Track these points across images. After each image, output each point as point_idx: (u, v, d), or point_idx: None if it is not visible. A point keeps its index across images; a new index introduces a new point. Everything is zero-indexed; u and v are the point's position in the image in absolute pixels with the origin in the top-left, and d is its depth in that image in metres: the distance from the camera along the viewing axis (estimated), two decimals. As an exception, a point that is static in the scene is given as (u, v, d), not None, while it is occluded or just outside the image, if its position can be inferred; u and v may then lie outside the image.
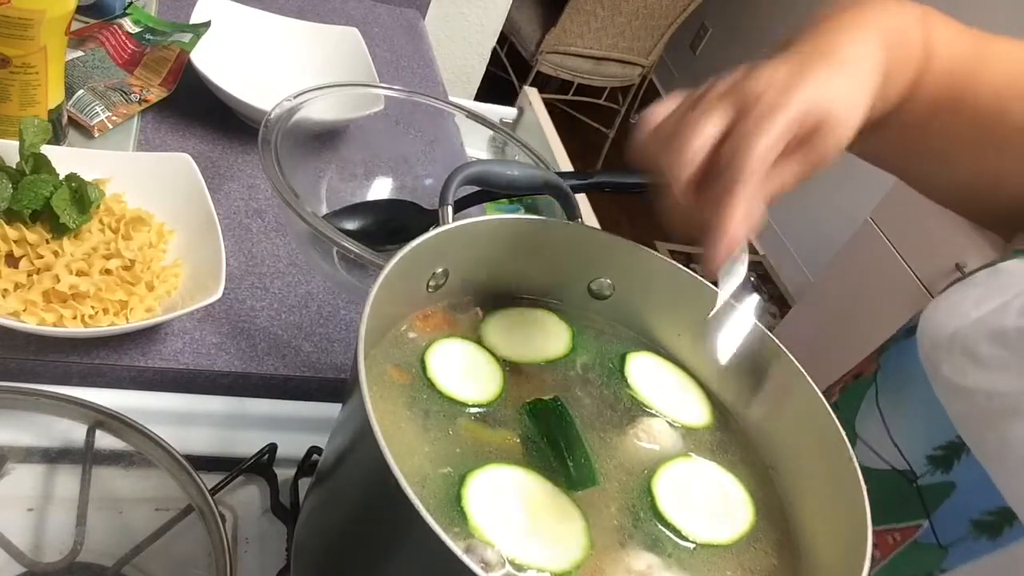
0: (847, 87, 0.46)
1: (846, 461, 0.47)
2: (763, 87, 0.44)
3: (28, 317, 0.64)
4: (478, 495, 0.45)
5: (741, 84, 0.45)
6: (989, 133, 0.58)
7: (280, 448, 0.65)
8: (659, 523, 0.48)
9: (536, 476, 0.47)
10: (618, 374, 0.57)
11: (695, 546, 0.48)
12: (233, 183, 0.90)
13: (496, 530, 0.43)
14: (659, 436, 0.53)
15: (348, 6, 1.32)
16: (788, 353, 0.53)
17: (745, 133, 0.43)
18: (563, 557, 0.44)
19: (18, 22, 0.71)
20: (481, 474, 0.46)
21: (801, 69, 0.45)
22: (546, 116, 1.39)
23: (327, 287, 0.83)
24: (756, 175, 0.42)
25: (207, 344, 0.73)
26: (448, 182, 0.57)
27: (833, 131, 0.45)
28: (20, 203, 0.67)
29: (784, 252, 3.12)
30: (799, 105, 0.43)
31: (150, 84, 0.93)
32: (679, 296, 0.57)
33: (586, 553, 0.45)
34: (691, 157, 0.43)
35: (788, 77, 0.44)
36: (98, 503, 0.58)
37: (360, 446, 0.41)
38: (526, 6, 2.94)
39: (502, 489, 0.46)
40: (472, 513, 0.44)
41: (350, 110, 0.84)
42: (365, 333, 0.41)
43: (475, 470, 0.46)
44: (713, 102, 0.44)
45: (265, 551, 0.61)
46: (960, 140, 0.60)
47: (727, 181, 0.42)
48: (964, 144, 0.60)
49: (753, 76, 0.45)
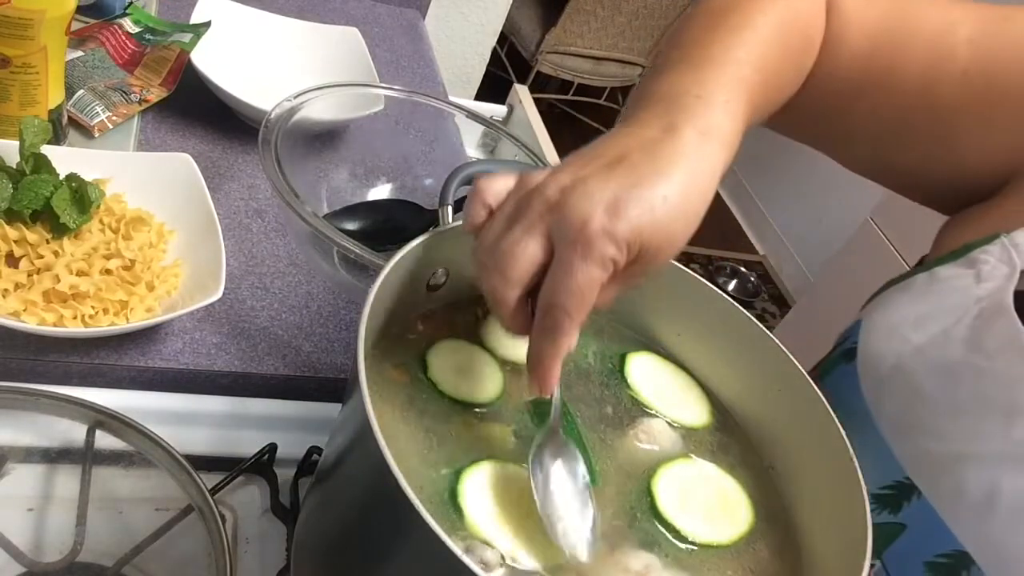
0: (678, 194, 0.42)
1: (846, 461, 0.47)
2: (587, 213, 0.40)
3: (28, 317, 0.64)
4: (473, 492, 0.45)
5: (566, 202, 0.41)
6: (917, 114, 0.56)
7: (280, 448, 0.65)
8: (658, 524, 0.48)
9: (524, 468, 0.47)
10: (618, 374, 0.57)
11: (695, 547, 0.48)
12: (233, 183, 0.90)
13: (491, 526, 0.43)
14: (659, 436, 0.53)
15: (348, 6, 1.32)
16: (788, 353, 0.53)
17: (569, 266, 0.41)
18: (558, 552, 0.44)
19: (18, 22, 0.71)
20: (476, 470, 0.46)
21: (627, 185, 0.41)
22: (536, 114, 1.39)
23: (327, 287, 0.83)
24: (583, 310, 0.41)
25: (207, 344, 0.73)
26: (448, 182, 0.57)
27: (655, 258, 0.43)
28: (20, 203, 0.67)
29: (784, 252, 3.12)
30: (622, 235, 0.40)
31: (150, 84, 0.93)
32: (679, 296, 0.57)
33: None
34: (517, 281, 0.42)
35: (613, 201, 0.41)
36: (98, 503, 0.58)
37: (360, 446, 0.41)
38: (526, 6, 2.94)
39: (496, 485, 0.46)
40: (468, 509, 0.44)
41: (350, 110, 0.84)
42: (365, 333, 0.41)
43: (469, 467, 0.46)
44: (535, 218, 0.42)
45: (265, 551, 0.61)
46: (887, 121, 0.57)
47: (557, 318, 0.41)
48: (893, 126, 0.57)
49: (578, 195, 0.41)
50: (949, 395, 0.49)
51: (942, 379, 0.49)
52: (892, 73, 0.55)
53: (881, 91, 0.56)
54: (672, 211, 0.42)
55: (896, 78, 0.55)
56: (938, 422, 0.49)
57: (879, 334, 0.54)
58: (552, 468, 0.45)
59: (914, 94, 0.55)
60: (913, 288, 0.54)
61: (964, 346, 0.49)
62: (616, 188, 0.41)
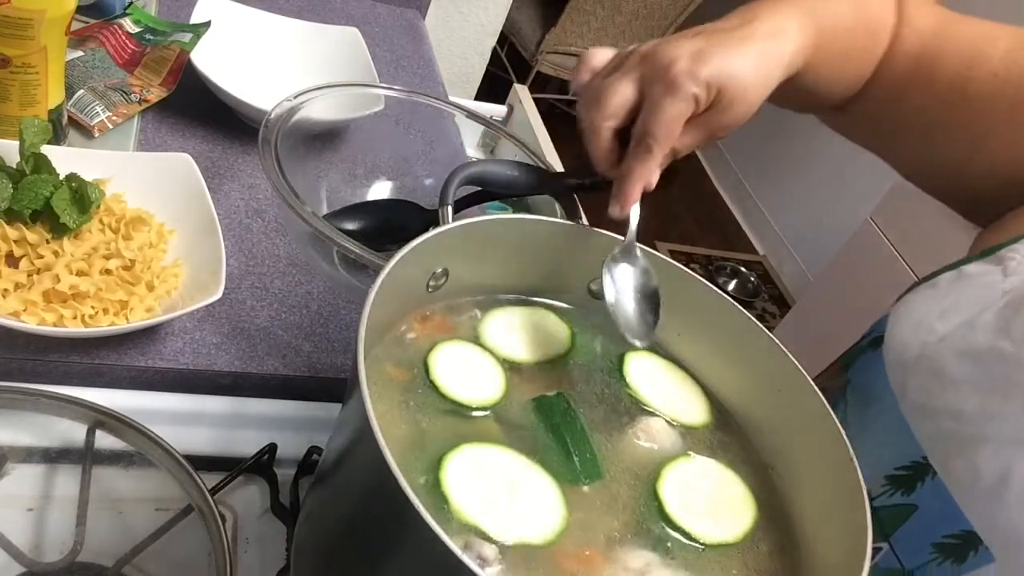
0: (754, 63, 0.52)
1: (846, 461, 0.47)
2: (674, 57, 0.50)
3: (28, 317, 0.64)
4: (456, 477, 0.45)
5: (656, 51, 0.51)
6: (953, 111, 0.59)
7: (280, 448, 0.65)
8: (668, 527, 0.48)
9: (506, 450, 0.48)
10: (617, 374, 0.57)
11: (704, 547, 0.48)
12: (233, 183, 0.90)
13: (477, 509, 0.43)
14: (658, 435, 0.53)
15: (348, 6, 1.32)
16: (788, 353, 0.53)
17: (656, 100, 0.50)
18: (546, 527, 0.45)
19: (18, 22, 0.71)
20: (456, 456, 0.46)
21: (710, 44, 0.51)
22: (536, 114, 1.39)
23: (327, 287, 0.83)
24: (668, 141, 0.51)
25: (207, 344, 0.73)
26: (448, 182, 0.57)
27: (732, 104, 0.51)
28: (20, 203, 0.67)
29: (784, 252, 3.12)
30: (704, 77, 0.49)
31: (150, 84, 0.93)
32: (679, 296, 0.57)
33: (566, 521, 0.45)
34: (611, 113, 0.52)
35: (697, 51, 0.50)
36: (98, 503, 0.58)
37: (360, 446, 0.41)
38: (526, 6, 2.94)
39: (477, 467, 0.46)
40: (452, 495, 0.44)
41: (350, 110, 0.84)
42: (365, 333, 0.41)
43: (449, 453, 0.46)
44: (631, 67, 0.52)
45: (265, 551, 0.61)
46: (930, 118, 0.61)
47: (645, 143, 0.51)
48: (933, 122, 0.61)
49: (669, 46, 0.51)
50: (972, 378, 0.50)
51: (966, 363, 0.50)
52: (934, 69, 0.60)
53: (925, 85, 0.60)
54: (745, 72, 0.51)
55: (937, 74, 0.60)
56: (959, 403, 0.50)
57: (905, 324, 0.56)
58: (619, 273, 0.54)
59: (950, 89, 0.59)
60: (940, 285, 0.56)
61: (990, 333, 0.50)
62: (700, 44, 0.51)
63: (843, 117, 0.65)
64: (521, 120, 1.39)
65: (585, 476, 0.49)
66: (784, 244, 3.12)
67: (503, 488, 0.45)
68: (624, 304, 0.53)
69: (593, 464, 0.49)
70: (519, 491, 0.46)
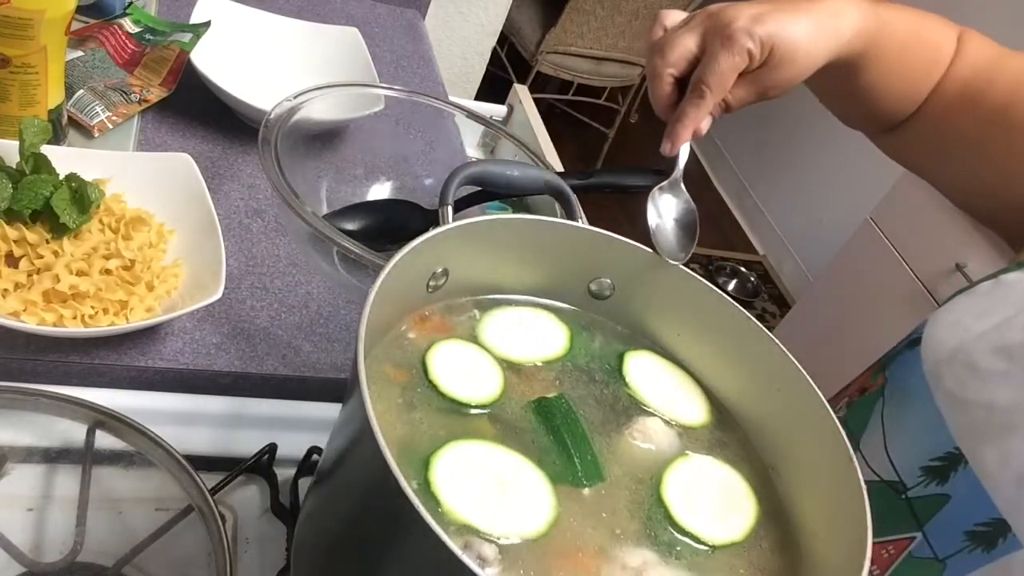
0: (808, 31, 0.56)
1: (846, 461, 0.47)
2: (735, 16, 0.55)
3: (28, 317, 0.64)
4: (445, 474, 0.45)
5: (721, 11, 0.57)
6: (994, 135, 0.62)
7: (280, 448, 0.65)
8: (676, 532, 0.48)
9: (492, 445, 0.48)
10: (617, 374, 0.57)
11: (712, 549, 0.48)
12: (233, 183, 0.90)
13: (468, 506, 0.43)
14: (655, 435, 0.53)
15: (348, 6, 1.32)
16: (788, 353, 0.53)
17: (714, 52, 0.55)
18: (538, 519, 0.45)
19: (18, 22, 0.71)
20: (444, 454, 0.46)
21: (771, 9, 0.56)
22: (536, 114, 1.39)
23: (327, 287, 0.83)
24: (721, 90, 0.56)
25: (207, 344, 0.73)
26: (448, 182, 0.57)
27: (784, 65, 0.56)
28: (20, 203, 0.67)
29: (784, 252, 3.12)
30: (759, 35, 0.54)
31: (150, 84, 0.93)
32: (679, 296, 0.57)
33: (557, 511, 0.45)
34: (673, 62, 0.57)
35: (758, 13, 0.55)
36: (98, 503, 0.58)
37: (360, 446, 0.41)
38: (526, 6, 2.94)
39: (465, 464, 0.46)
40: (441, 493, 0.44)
41: (350, 110, 0.84)
42: (365, 333, 0.41)
43: (437, 451, 0.46)
44: (697, 23, 0.57)
45: (265, 551, 0.61)
46: (972, 140, 0.64)
47: (699, 90, 0.56)
48: (975, 146, 0.64)
49: (734, 7, 0.57)
50: (1005, 372, 0.52)
51: (1000, 359, 0.52)
52: (980, 96, 0.63)
53: (968, 110, 0.64)
54: (799, 36, 0.56)
55: (981, 100, 0.63)
56: (992, 395, 0.52)
57: (943, 323, 0.58)
58: (663, 202, 0.58)
59: (991, 114, 0.63)
60: (977, 292, 0.58)
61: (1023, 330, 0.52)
62: (763, 8, 0.56)
63: (894, 140, 0.68)
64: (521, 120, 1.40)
65: (586, 478, 0.49)
66: (784, 244, 3.12)
67: (492, 483, 0.45)
68: (664, 229, 0.57)
69: (594, 466, 0.49)
70: (509, 485, 0.46)
